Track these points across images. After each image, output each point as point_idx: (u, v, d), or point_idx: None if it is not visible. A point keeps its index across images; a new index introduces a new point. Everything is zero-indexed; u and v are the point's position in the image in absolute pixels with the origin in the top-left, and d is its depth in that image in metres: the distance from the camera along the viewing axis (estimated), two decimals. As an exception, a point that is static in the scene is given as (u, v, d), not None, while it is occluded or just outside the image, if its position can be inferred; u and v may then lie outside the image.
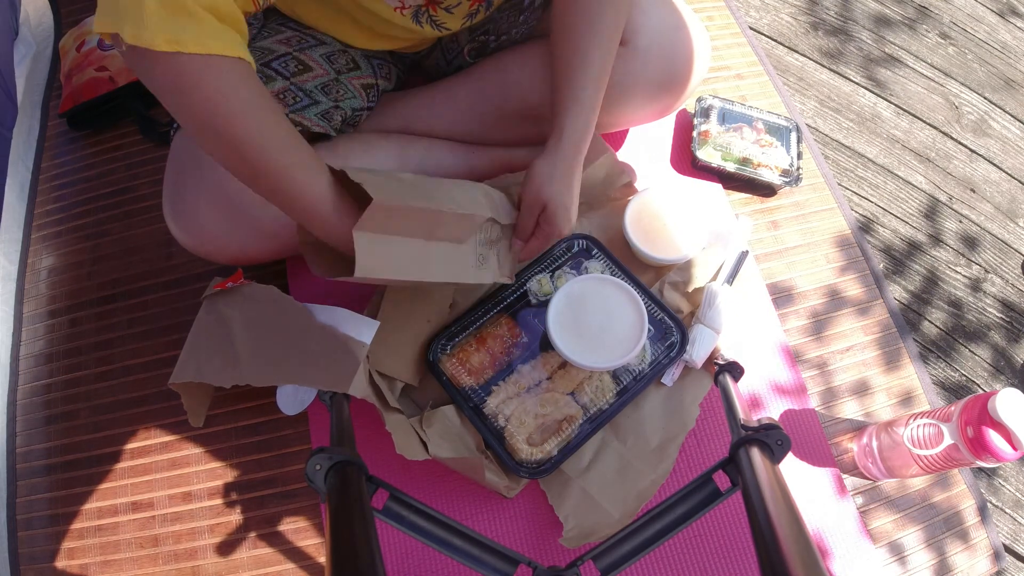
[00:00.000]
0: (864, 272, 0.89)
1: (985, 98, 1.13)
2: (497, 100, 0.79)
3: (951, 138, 1.09)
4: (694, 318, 0.78)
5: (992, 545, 0.75)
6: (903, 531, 0.74)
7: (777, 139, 0.92)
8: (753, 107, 0.95)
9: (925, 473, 0.69)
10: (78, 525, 0.75)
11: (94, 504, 0.76)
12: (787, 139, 0.92)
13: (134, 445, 0.79)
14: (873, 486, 0.76)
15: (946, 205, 1.03)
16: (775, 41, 1.15)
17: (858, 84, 1.12)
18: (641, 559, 0.46)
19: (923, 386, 0.82)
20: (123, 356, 0.84)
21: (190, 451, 0.78)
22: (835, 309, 0.86)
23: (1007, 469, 0.86)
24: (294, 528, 0.73)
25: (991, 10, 1.23)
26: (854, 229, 0.91)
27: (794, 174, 0.89)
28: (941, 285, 0.97)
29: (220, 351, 0.69)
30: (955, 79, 1.14)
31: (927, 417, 0.67)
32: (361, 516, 0.38)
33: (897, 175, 1.04)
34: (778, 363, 0.81)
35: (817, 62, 1.14)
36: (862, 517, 0.74)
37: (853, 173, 1.04)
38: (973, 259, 0.99)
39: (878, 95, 1.11)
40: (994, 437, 0.60)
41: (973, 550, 0.74)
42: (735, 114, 0.94)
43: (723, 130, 0.92)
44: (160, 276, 0.88)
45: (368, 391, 0.63)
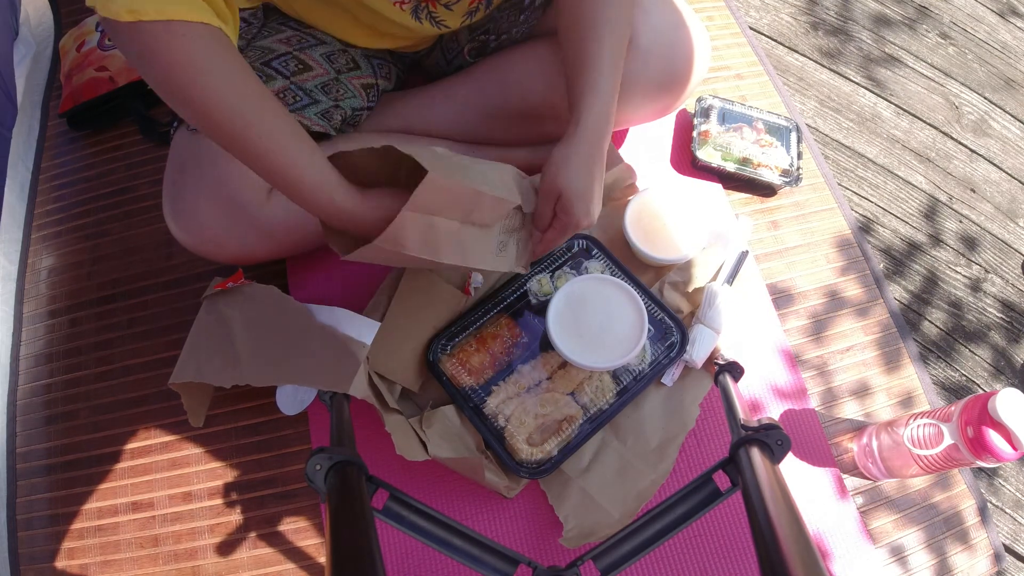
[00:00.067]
0: (864, 272, 0.89)
1: (985, 98, 1.13)
2: (497, 100, 0.79)
3: (951, 138, 1.09)
4: (694, 318, 0.78)
5: (992, 545, 0.75)
6: (903, 531, 0.74)
7: (777, 139, 0.92)
8: (753, 107, 0.95)
9: (925, 473, 0.69)
10: (78, 525, 0.75)
11: (94, 504, 0.76)
12: (787, 139, 0.92)
13: (134, 445, 0.79)
14: (873, 486, 0.76)
15: (946, 205, 1.03)
16: (775, 41, 1.15)
17: (858, 84, 1.12)
18: (641, 559, 0.46)
19: (923, 386, 0.82)
20: (123, 356, 0.84)
21: (190, 451, 0.78)
22: (835, 309, 0.86)
23: (1007, 469, 0.86)
24: (294, 528, 0.73)
25: (991, 10, 1.23)
26: (854, 229, 0.91)
27: (794, 174, 0.89)
28: (941, 285, 0.97)
29: (220, 351, 0.69)
30: (955, 79, 1.14)
31: (927, 417, 0.67)
32: (361, 516, 0.38)
33: (897, 175, 1.04)
34: (778, 363, 0.81)
35: (817, 62, 1.14)
36: (862, 517, 0.74)
37: (853, 173, 1.04)
38: (973, 259, 0.99)
39: (878, 95, 1.11)
40: (994, 437, 0.60)
41: (973, 550, 0.74)
42: (735, 114, 0.94)
43: (723, 130, 0.92)
44: (160, 276, 0.88)
45: (368, 392, 0.63)
